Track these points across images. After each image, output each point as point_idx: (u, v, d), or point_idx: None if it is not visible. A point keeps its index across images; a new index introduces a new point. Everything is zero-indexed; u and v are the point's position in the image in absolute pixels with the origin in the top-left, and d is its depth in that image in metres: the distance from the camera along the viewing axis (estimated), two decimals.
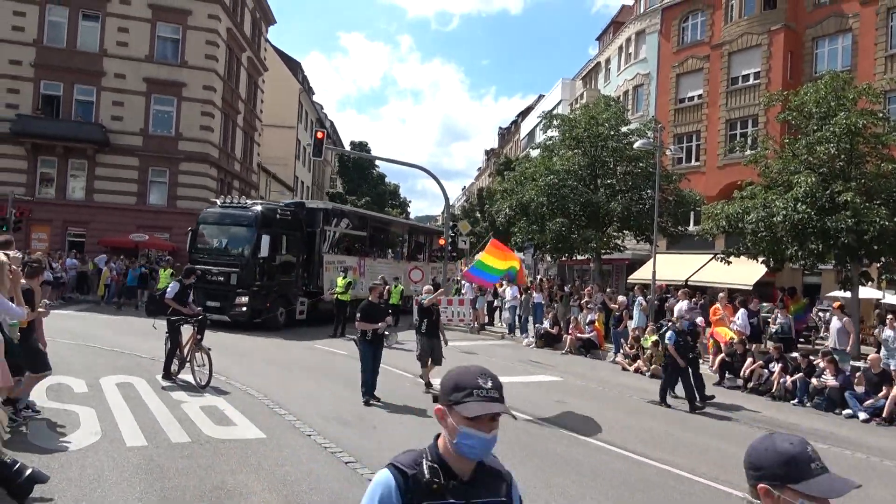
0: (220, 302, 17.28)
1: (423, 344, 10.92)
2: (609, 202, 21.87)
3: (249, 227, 18.09)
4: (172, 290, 10.38)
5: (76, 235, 29.29)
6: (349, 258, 21.76)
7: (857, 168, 15.65)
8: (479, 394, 1.83)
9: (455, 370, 1.94)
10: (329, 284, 19.78)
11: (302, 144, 50.43)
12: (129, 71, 29.46)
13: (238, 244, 18.31)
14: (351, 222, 22.54)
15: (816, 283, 24.37)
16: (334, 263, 20.54)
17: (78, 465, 6.00)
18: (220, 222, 18.94)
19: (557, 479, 6.67)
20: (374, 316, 9.75)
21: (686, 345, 11.40)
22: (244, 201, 19.78)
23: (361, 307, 9.85)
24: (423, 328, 10.94)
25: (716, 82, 28.69)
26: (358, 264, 22.07)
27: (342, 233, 21.57)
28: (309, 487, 5.85)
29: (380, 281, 10.98)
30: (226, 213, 18.95)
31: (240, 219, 18.48)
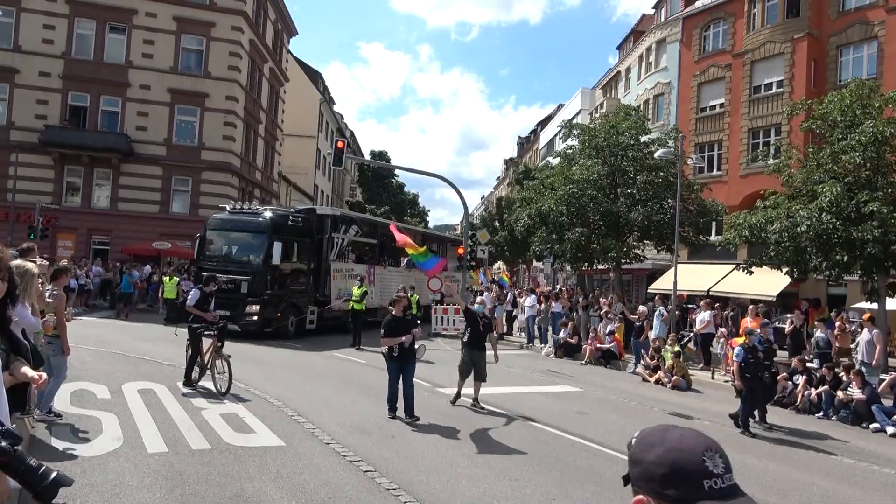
0: (229, 311, 16.57)
1: (464, 355, 10.21)
2: (629, 212, 21.73)
3: (260, 234, 17.70)
4: (193, 298, 10.43)
5: (100, 243, 29.81)
6: (358, 266, 21.29)
7: (884, 177, 15.37)
8: (712, 487, 1.20)
9: (659, 435, 1.30)
10: (336, 293, 19.50)
11: (322, 154, 50.85)
12: (153, 82, 30.01)
13: (248, 251, 17.96)
14: (360, 229, 22.01)
15: (842, 293, 23.92)
16: (342, 272, 20.17)
17: (100, 471, 6.06)
18: (230, 228, 18.52)
19: (578, 491, 6.59)
20: (398, 330, 9.07)
21: (758, 363, 10.30)
22: (254, 207, 19.36)
23: (385, 322, 9.24)
24: (467, 337, 10.26)
25: (738, 91, 28.43)
26: (368, 273, 21.48)
27: (351, 240, 21.13)
28: (327, 496, 5.85)
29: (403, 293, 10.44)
30: (236, 220, 18.50)
31: (250, 225, 18.07)
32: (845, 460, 8.99)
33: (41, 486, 5.10)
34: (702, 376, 15.56)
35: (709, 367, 16.24)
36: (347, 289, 19.59)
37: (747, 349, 10.31)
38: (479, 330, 10.23)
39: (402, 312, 9.39)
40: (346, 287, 19.70)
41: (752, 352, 10.31)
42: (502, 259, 49.80)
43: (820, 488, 7.44)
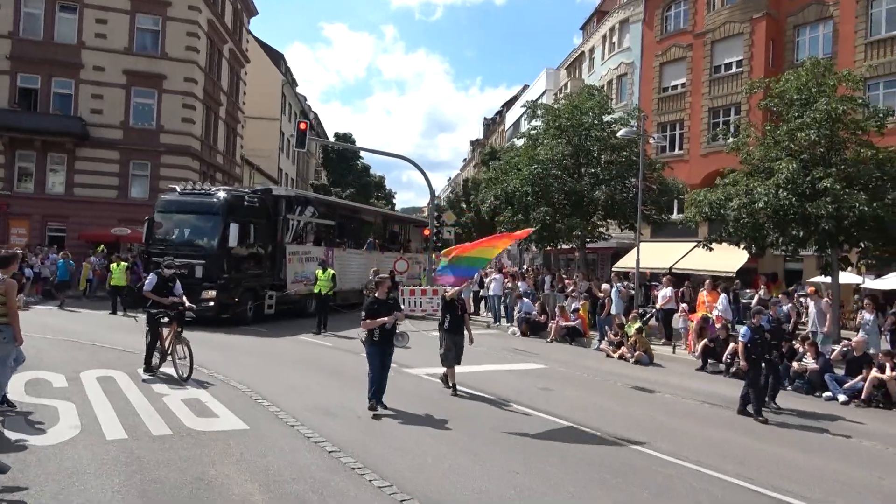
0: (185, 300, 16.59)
1: (447, 341, 10.03)
2: (593, 191, 21.91)
3: (215, 216, 16.84)
4: (151, 283, 10.14)
5: (56, 230, 28.90)
6: (316, 249, 20.41)
7: (837, 154, 15.79)
8: None
9: None
10: (292, 276, 18.83)
11: (286, 136, 50.06)
12: (108, 63, 29.02)
13: (202, 234, 17.03)
14: (316, 210, 21.11)
15: (798, 269, 24.61)
16: (298, 254, 19.35)
17: (56, 459, 5.93)
18: (182, 210, 17.43)
19: (541, 464, 6.69)
20: (380, 314, 8.66)
21: (764, 343, 9.86)
22: (207, 187, 18.34)
23: (367, 305, 8.80)
24: (447, 324, 10.08)
25: (699, 71, 28.79)
26: (326, 255, 20.62)
27: (306, 221, 20.29)
28: (292, 477, 5.82)
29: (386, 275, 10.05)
30: (188, 201, 17.43)
31: (204, 206, 17.13)
32: (799, 428, 9.29)
33: None
34: (663, 351, 15.89)
35: (670, 342, 16.59)
36: (304, 272, 19.08)
37: (754, 329, 9.81)
38: (459, 315, 10.13)
39: (386, 295, 8.96)
40: (302, 270, 19.13)
41: (758, 332, 9.81)
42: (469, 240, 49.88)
43: (775, 455, 7.68)
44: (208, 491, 5.37)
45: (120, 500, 5.10)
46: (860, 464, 7.59)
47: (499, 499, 5.62)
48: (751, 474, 6.78)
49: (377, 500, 5.39)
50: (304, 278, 19.12)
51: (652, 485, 6.27)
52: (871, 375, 11.19)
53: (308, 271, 19.17)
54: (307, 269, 19.24)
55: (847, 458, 7.79)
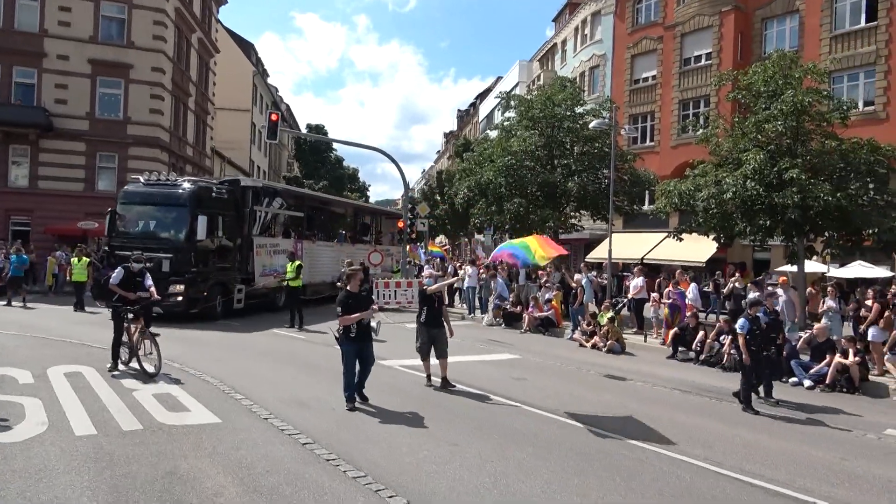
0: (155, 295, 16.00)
1: (423, 335, 9.92)
2: (566, 182, 22.06)
3: (182, 207, 16.32)
4: (117, 277, 9.93)
5: (20, 224, 28.20)
6: (284, 241, 20.01)
7: (803, 145, 16.14)
8: None
9: None
10: (261, 269, 18.45)
11: (257, 128, 49.47)
12: (72, 52, 28.31)
13: (169, 227, 16.47)
14: (285, 202, 20.65)
15: (766, 258, 25.14)
16: (266, 247, 18.92)
17: (23, 457, 5.81)
18: (147, 202, 16.83)
19: (515, 451, 6.75)
20: (357, 308, 8.38)
21: (763, 335, 9.81)
22: (173, 178, 17.73)
23: (341, 299, 8.43)
24: (423, 317, 9.93)
25: (669, 63, 29.13)
26: (295, 247, 20.09)
27: (274, 213, 19.87)
28: (265, 469, 5.80)
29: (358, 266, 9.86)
30: (153, 192, 16.83)
31: (170, 198, 16.61)
32: (766, 413, 9.51)
33: None
34: (635, 340, 16.12)
35: (642, 331, 16.83)
36: (273, 265, 18.84)
37: (752, 320, 9.72)
38: (436, 307, 9.94)
39: (359, 287, 8.73)
40: (270, 264, 18.84)
41: (756, 323, 9.72)
42: (443, 232, 49.92)
43: (743, 439, 7.86)
44: (181, 485, 5.32)
45: (90, 496, 5.03)
46: (824, 446, 7.80)
47: (474, 487, 5.66)
48: (718, 458, 6.93)
49: (351, 491, 5.40)
50: (273, 271, 18.80)
51: (623, 469, 6.37)
52: (834, 361, 11.50)
53: (277, 264, 18.87)
54: (276, 261, 18.92)
55: (811, 441, 8.01)
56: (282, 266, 18.69)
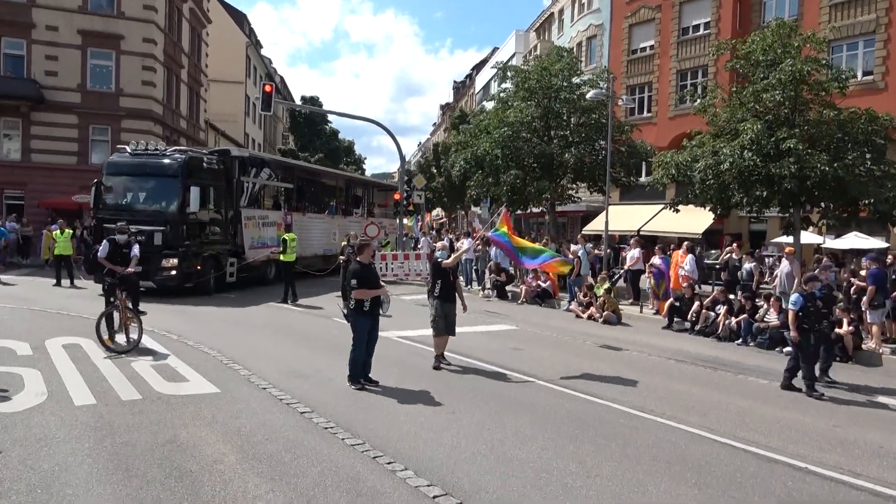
0: (141, 266, 14.72)
1: (438, 309, 9.32)
2: (563, 153, 21.93)
3: (174, 178, 15.62)
4: (103, 250, 9.79)
5: (14, 198, 28.02)
6: (273, 213, 19.48)
7: (801, 115, 16.02)
8: None
9: None
10: (249, 242, 17.91)
11: (251, 100, 48.92)
12: (61, 22, 27.83)
13: (160, 198, 15.77)
14: (273, 173, 20.17)
15: (762, 229, 25.18)
16: (254, 219, 18.36)
17: (23, 426, 5.85)
18: (135, 173, 16.06)
19: (512, 419, 6.82)
20: (371, 281, 8.06)
21: (817, 312, 9.14)
22: (161, 147, 16.90)
23: (354, 271, 8.05)
24: (437, 291, 9.36)
25: (667, 33, 28.80)
26: (284, 219, 19.61)
27: (262, 184, 19.35)
28: (264, 437, 5.85)
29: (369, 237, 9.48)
30: (141, 162, 16.08)
31: (161, 168, 15.86)
32: (760, 381, 9.62)
33: None
34: (631, 311, 16.20)
35: (638, 302, 16.91)
36: (262, 238, 18.50)
37: (807, 297, 9.12)
38: (451, 281, 9.49)
39: (370, 260, 8.45)
40: (259, 236, 18.44)
41: (810, 299, 9.11)
42: (440, 205, 49.81)
43: (737, 407, 7.95)
44: (181, 453, 5.37)
45: (91, 463, 5.08)
46: (817, 414, 7.90)
47: (471, 454, 5.73)
48: (712, 425, 7.02)
49: (350, 458, 5.46)
50: (262, 244, 18.46)
51: (618, 436, 6.45)
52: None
53: (266, 237, 18.55)
54: (265, 234, 18.59)
55: (805, 410, 8.10)
56: (271, 239, 18.47)
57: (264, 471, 5.08)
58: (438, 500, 4.69)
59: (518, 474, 5.29)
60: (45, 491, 4.53)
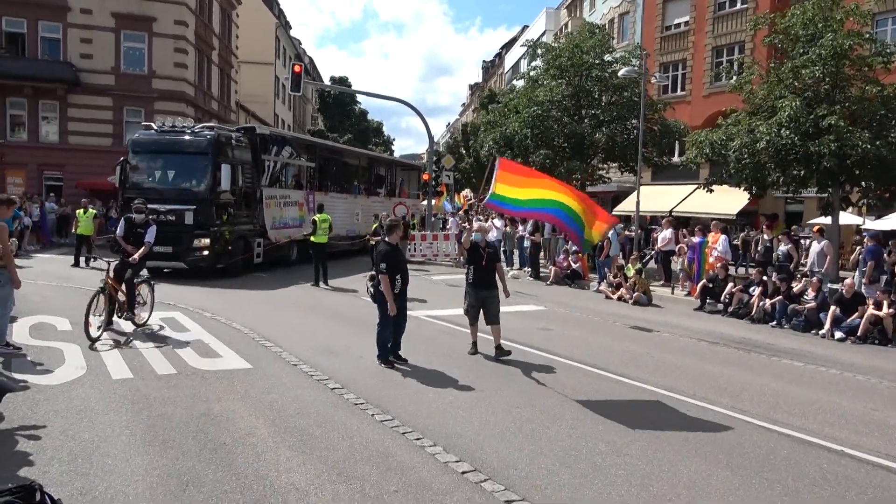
0: (172, 246, 14.32)
1: (470, 297, 8.64)
2: (594, 133, 21.63)
3: (204, 155, 15.18)
4: (121, 227, 9.44)
5: (53, 179, 28.75)
6: (294, 192, 19.01)
7: (842, 91, 15.52)
8: None
9: None
10: (270, 222, 17.41)
11: (280, 81, 49.17)
12: (95, 5, 28.26)
13: (190, 176, 15.32)
14: (295, 151, 19.58)
15: (799, 210, 24.58)
16: (276, 199, 17.90)
17: (64, 398, 6.03)
18: (163, 150, 15.65)
19: (540, 398, 6.81)
20: (399, 261, 7.99)
21: None
22: (189, 124, 16.52)
23: (385, 253, 7.82)
24: (471, 277, 8.59)
25: (703, 8, 28.03)
26: (306, 199, 19.22)
27: (284, 163, 18.81)
28: (295, 412, 5.94)
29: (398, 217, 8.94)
30: (170, 139, 15.67)
31: (190, 145, 15.46)
32: (795, 363, 9.44)
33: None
34: (662, 292, 16.00)
35: (669, 283, 16.69)
36: (283, 218, 18.06)
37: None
38: (483, 265, 8.53)
39: (399, 241, 8.19)
40: (281, 216, 17.98)
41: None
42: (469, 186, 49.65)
43: (771, 389, 7.82)
44: (215, 425, 5.48)
45: (129, 434, 5.22)
46: (854, 397, 7.73)
47: (500, 431, 5.74)
48: (744, 406, 6.91)
49: (379, 433, 5.51)
50: (283, 224, 18.04)
51: (648, 417, 6.40)
52: (868, 312, 11.29)
53: (287, 217, 18.17)
54: (286, 214, 18.21)
55: (842, 392, 7.93)
56: (293, 219, 18.25)
57: (295, 444, 5.17)
58: (467, 476, 4.71)
59: (546, 452, 5.29)
60: (85, 460, 4.67)
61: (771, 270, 14.65)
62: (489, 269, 8.56)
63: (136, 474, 4.47)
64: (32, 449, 4.83)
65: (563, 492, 4.60)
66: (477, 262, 8.55)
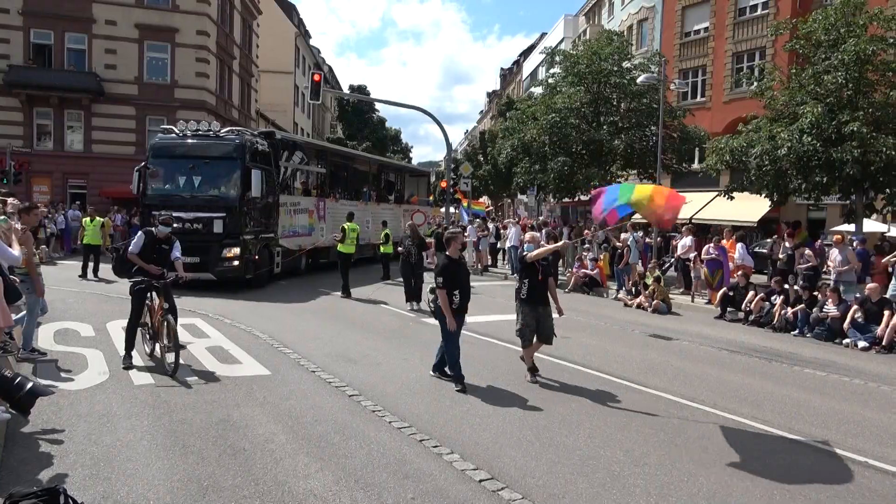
0: (199, 256, 13.72)
1: (526, 314, 7.80)
2: (612, 140, 21.53)
3: (233, 160, 14.60)
4: (137, 244, 7.66)
5: (77, 187, 29.29)
6: (305, 199, 18.31)
7: (865, 97, 15.29)
8: None
9: None
10: (281, 230, 16.68)
11: (300, 90, 49.65)
12: (119, 17, 28.85)
13: (219, 182, 14.75)
14: (305, 156, 18.84)
15: (821, 217, 24.22)
16: (286, 206, 17.09)
17: (87, 403, 6.13)
18: (188, 155, 14.87)
19: (558, 406, 6.78)
20: (457, 277, 7.40)
21: None
22: (213, 127, 15.49)
23: (442, 268, 7.34)
24: (525, 292, 7.81)
25: (723, 14, 27.86)
26: (316, 206, 18.57)
27: (294, 168, 18.13)
28: (314, 419, 5.98)
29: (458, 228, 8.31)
30: (195, 143, 14.92)
31: (218, 149, 14.77)
32: (817, 373, 9.29)
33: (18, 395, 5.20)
34: (682, 300, 15.86)
35: (689, 291, 16.53)
36: (293, 226, 17.36)
37: None
38: (539, 280, 7.79)
39: (458, 254, 7.58)
40: (291, 224, 17.21)
41: None
42: (486, 193, 49.67)
43: (793, 399, 7.71)
44: (234, 431, 5.54)
45: (150, 439, 5.28)
46: (878, 407, 7.59)
47: (517, 439, 5.73)
48: (766, 416, 6.82)
49: (397, 441, 5.52)
50: (293, 233, 17.39)
51: (667, 426, 6.34)
52: (893, 322, 11.08)
53: (297, 225, 17.54)
54: (296, 221, 17.55)
55: (865, 402, 7.80)
56: (303, 227, 17.70)
57: (313, 451, 5.20)
58: (484, 484, 4.71)
59: (564, 461, 5.26)
60: (107, 464, 4.73)
61: (793, 279, 14.45)
62: (545, 283, 7.89)
63: (156, 479, 4.53)
64: (56, 452, 4.91)
65: (580, 501, 4.57)
66: (532, 275, 7.79)
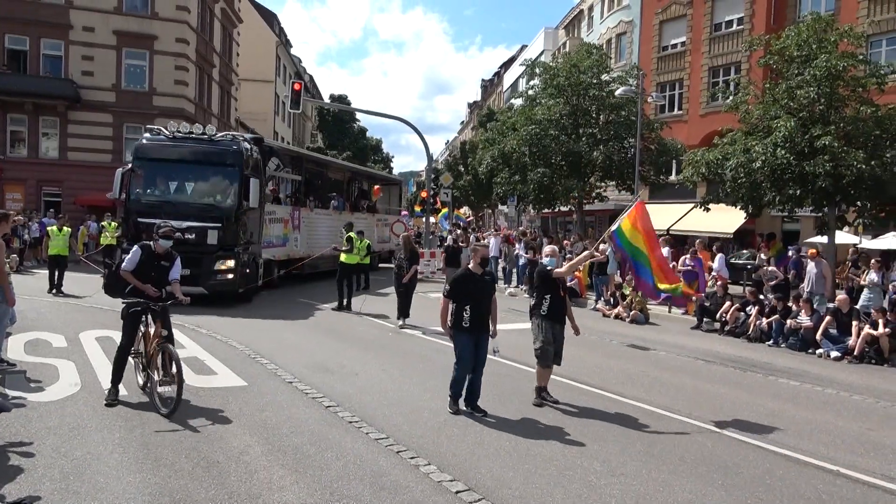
0: (190, 269, 11.95)
1: (547, 333, 7.30)
2: (591, 151, 21.77)
3: (230, 167, 13.69)
4: (132, 260, 6.62)
5: (51, 195, 28.79)
6: (280, 208, 17.23)
7: (837, 112, 15.64)
8: None
9: None
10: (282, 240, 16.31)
11: (280, 99, 49.46)
12: (97, 24, 28.52)
13: (214, 190, 13.83)
14: (281, 162, 17.67)
15: (795, 229, 24.63)
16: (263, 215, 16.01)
17: (57, 415, 6.01)
18: (179, 159, 13.84)
19: (537, 417, 6.80)
20: (473, 293, 6.82)
21: None
22: (209, 130, 14.25)
23: (454, 279, 6.96)
24: (546, 308, 7.31)
25: (699, 29, 28.34)
26: (291, 216, 17.59)
27: (269, 175, 16.69)
28: (289, 430, 5.92)
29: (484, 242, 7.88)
30: (187, 147, 13.88)
31: (213, 154, 13.82)
32: (791, 383, 9.42)
33: None
34: (659, 310, 15.98)
35: (666, 302, 16.64)
36: (269, 236, 16.22)
37: None
38: (560, 295, 7.41)
39: (481, 269, 6.99)
40: (267, 234, 16.00)
41: None
42: (467, 203, 49.81)
43: (767, 409, 7.80)
44: (207, 444, 5.46)
45: (121, 452, 5.19)
46: (850, 417, 7.71)
47: (494, 451, 5.72)
48: (741, 426, 6.89)
49: (374, 452, 5.49)
50: (268, 243, 16.20)
51: (644, 436, 6.38)
52: (864, 332, 11.29)
53: (272, 235, 16.48)
54: (271, 231, 16.46)
55: (838, 412, 7.92)
56: (277, 237, 16.71)
57: (289, 463, 5.14)
58: (461, 496, 4.69)
59: (541, 472, 5.27)
60: (77, 478, 4.64)
61: (766, 290, 14.67)
62: (566, 300, 7.54)
63: (127, 493, 4.45)
64: (24, 466, 4.80)
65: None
66: (554, 290, 7.34)
